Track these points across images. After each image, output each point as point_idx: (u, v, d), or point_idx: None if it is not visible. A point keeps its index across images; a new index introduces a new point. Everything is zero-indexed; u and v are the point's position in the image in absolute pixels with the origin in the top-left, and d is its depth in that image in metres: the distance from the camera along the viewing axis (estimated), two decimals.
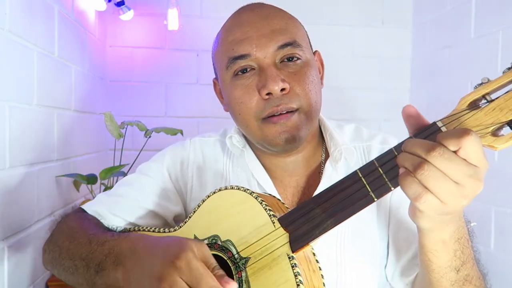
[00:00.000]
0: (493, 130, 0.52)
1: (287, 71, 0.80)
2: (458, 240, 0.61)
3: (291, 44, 0.80)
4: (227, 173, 0.90)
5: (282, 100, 0.78)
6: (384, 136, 0.91)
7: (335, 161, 0.85)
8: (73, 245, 0.79)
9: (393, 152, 0.55)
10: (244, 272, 0.64)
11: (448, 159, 0.49)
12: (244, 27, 0.81)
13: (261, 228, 0.64)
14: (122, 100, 2.07)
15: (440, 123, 0.54)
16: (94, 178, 1.47)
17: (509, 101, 0.51)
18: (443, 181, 0.49)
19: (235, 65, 0.81)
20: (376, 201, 0.57)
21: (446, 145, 0.49)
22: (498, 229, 1.57)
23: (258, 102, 0.79)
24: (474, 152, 0.49)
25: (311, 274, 0.63)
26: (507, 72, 0.52)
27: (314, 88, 0.81)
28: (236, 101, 0.82)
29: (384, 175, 0.55)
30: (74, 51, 1.53)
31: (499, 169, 1.52)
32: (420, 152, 0.50)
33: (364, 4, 2.20)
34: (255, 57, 0.79)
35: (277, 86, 0.77)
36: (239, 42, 0.80)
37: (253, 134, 0.83)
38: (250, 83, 0.80)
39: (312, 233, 0.60)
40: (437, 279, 0.65)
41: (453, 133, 0.50)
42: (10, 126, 1.01)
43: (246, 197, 0.67)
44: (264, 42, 0.79)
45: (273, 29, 0.80)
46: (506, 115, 0.51)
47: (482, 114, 0.52)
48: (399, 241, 0.82)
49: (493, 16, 1.62)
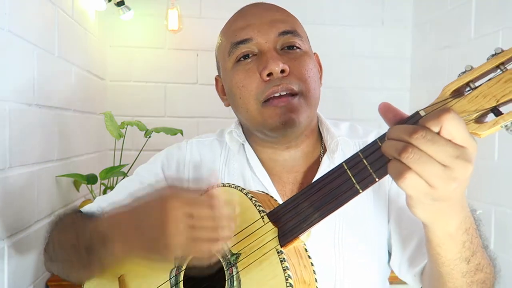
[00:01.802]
0: (477, 117, 0.51)
1: (287, 57, 0.82)
2: (466, 231, 0.61)
3: (292, 33, 0.83)
4: (221, 171, 0.91)
5: (282, 81, 0.80)
6: (379, 132, 0.91)
7: (332, 153, 0.85)
8: (62, 235, 0.80)
9: (377, 143, 0.55)
10: (235, 268, 0.64)
11: (431, 140, 0.48)
12: (246, 17, 0.85)
13: (251, 224, 0.64)
14: (122, 100, 2.07)
15: (423, 112, 0.53)
16: (94, 178, 1.48)
17: (492, 88, 0.50)
18: (429, 163, 0.48)
19: (237, 50, 0.83)
20: (361, 193, 0.56)
21: (428, 127, 0.48)
22: (498, 229, 1.57)
23: (259, 84, 0.81)
24: (457, 131, 0.48)
25: (301, 269, 0.62)
26: (491, 58, 0.51)
27: (314, 76, 0.83)
28: (237, 85, 0.83)
29: (369, 166, 0.55)
30: (74, 51, 1.54)
31: (499, 169, 1.52)
32: (403, 136, 0.49)
33: (364, 4, 2.20)
34: (256, 41, 0.82)
35: (278, 66, 0.79)
36: (241, 28, 0.84)
37: (252, 119, 0.84)
38: (251, 66, 0.82)
39: (300, 227, 0.60)
40: (448, 271, 0.65)
41: (433, 114, 0.49)
42: (10, 126, 1.01)
43: (236, 194, 0.67)
44: (266, 29, 0.82)
45: (274, 18, 0.84)
46: (490, 101, 0.50)
47: (466, 101, 0.51)
48: (402, 231, 0.83)
49: (493, 16, 1.62)
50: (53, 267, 0.85)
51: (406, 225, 0.82)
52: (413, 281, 0.82)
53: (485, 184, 1.60)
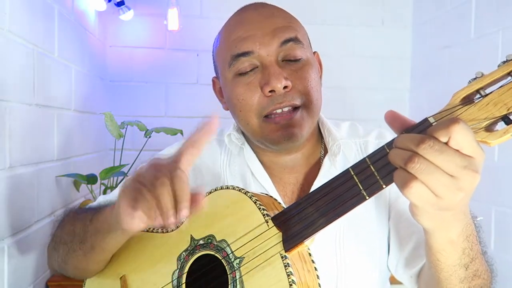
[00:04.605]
0: (487, 125, 0.51)
1: (289, 69, 0.81)
2: (466, 238, 0.60)
3: (293, 40, 0.81)
4: (224, 172, 0.90)
5: (285, 98, 0.79)
6: (380, 131, 0.91)
7: (333, 155, 0.85)
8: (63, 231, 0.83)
9: (385, 149, 0.54)
10: (238, 272, 0.64)
11: (439, 150, 0.47)
12: (247, 25, 0.82)
13: (255, 228, 0.64)
14: (122, 100, 2.06)
15: (432, 119, 0.52)
16: (94, 178, 1.47)
17: (504, 95, 0.49)
18: (436, 173, 0.47)
19: (238, 62, 0.81)
20: (368, 199, 0.55)
21: (436, 137, 0.48)
22: (498, 229, 1.57)
23: (260, 99, 0.80)
24: (466, 142, 0.47)
25: (305, 274, 0.62)
26: (502, 65, 0.50)
27: (316, 86, 0.83)
28: (237, 98, 0.82)
29: (376, 172, 0.54)
30: (74, 51, 1.53)
31: (499, 169, 1.52)
32: (410, 145, 0.49)
33: (364, 4, 2.20)
34: (258, 54, 0.80)
35: (280, 83, 0.78)
36: (242, 39, 0.81)
37: (253, 131, 0.83)
38: (252, 80, 0.81)
39: (305, 233, 0.60)
40: (446, 277, 0.65)
41: (442, 123, 0.48)
42: (10, 126, 1.01)
43: (241, 196, 0.67)
44: (268, 40, 0.80)
45: (276, 27, 0.81)
46: (500, 109, 0.49)
47: (476, 109, 0.51)
48: (400, 231, 0.83)
49: (493, 16, 1.62)
50: (53, 262, 0.86)
51: (404, 225, 0.82)
52: (409, 282, 0.82)
53: (485, 184, 1.59)
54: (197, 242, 0.70)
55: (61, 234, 0.83)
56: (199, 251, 0.70)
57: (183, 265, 0.71)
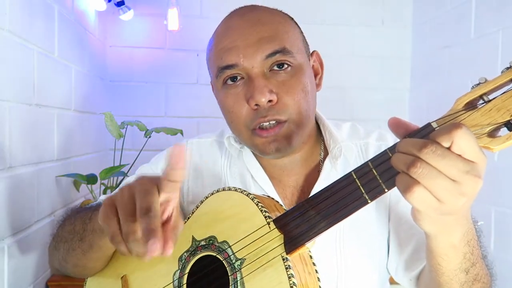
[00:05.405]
0: (490, 131, 0.51)
1: (275, 80, 0.78)
2: (468, 242, 0.61)
3: (280, 52, 0.78)
4: (225, 174, 0.90)
5: (269, 111, 0.77)
6: (381, 132, 0.91)
7: (334, 158, 0.84)
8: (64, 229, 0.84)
9: (388, 153, 0.54)
10: (239, 274, 0.64)
11: (441, 155, 0.47)
12: (232, 35, 0.80)
13: (257, 230, 0.64)
14: (122, 100, 2.07)
15: (435, 124, 0.52)
16: (94, 178, 1.47)
17: (507, 101, 0.49)
18: (439, 178, 0.47)
19: (224, 74, 0.80)
20: (370, 203, 0.55)
21: (439, 142, 0.48)
22: (498, 229, 1.57)
23: (248, 112, 0.79)
24: (468, 147, 0.47)
25: (306, 276, 0.62)
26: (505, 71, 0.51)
27: (305, 96, 0.80)
28: (227, 110, 0.82)
29: (378, 176, 0.54)
30: (74, 51, 1.53)
31: (499, 169, 1.52)
32: (412, 150, 0.49)
33: (364, 4, 2.20)
34: (242, 67, 0.78)
35: (264, 97, 0.76)
36: (226, 51, 0.79)
37: (245, 142, 0.84)
38: (239, 92, 0.80)
39: (306, 235, 0.60)
40: (447, 281, 0.65)
41: (444, 128, 0.48)
42: (10, 126, 1.01)
43: (242, 198, 0.67)
44: (251, 52, 0.77)
45: (260, 37, 0.78)
46: (503, 115, 0.49)
47: (479, 114, 0.51)
48: (400, 234, 0.82)
49: (493, 16, 1.62)
50: (54, 260, 0.86)
51: (404, 228, 0.82)
52: (409, 285, 0.82)
53: (485, 184, 1.59)
54: (198, 243, 0.70)
55: (62, 233, 0.84)
56: (201, 252, 0.70)
57: (184, 266, 0.71)
